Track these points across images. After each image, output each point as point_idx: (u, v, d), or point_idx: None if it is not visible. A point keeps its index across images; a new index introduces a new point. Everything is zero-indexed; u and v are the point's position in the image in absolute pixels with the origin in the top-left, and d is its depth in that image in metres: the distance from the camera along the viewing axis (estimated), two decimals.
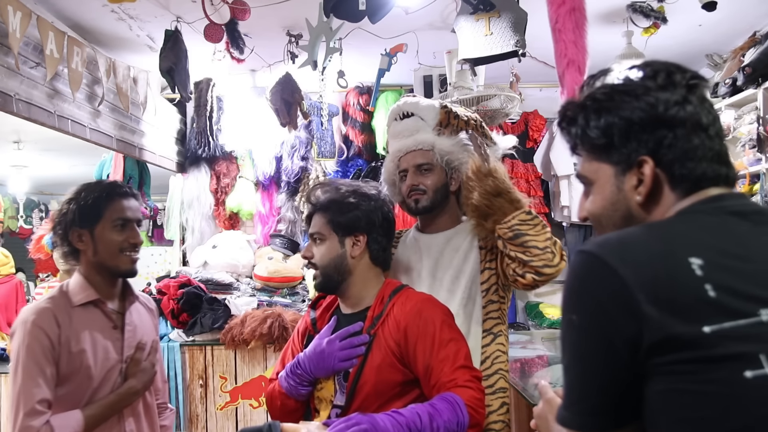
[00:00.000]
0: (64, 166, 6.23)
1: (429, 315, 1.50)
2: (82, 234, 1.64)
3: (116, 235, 1.64)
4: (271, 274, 3.73)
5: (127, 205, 1.68)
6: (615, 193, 0.91)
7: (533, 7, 2.55)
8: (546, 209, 4.16)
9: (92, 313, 1.65)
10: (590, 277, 0.81)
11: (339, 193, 1.59)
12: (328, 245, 1.57)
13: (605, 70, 0.94)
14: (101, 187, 1.68)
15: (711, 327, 0.74)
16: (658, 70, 0.88)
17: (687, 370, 0.74)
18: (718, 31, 3.42)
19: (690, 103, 0.86)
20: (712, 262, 0.77)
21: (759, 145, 3.24)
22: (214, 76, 3.99)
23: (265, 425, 1.33)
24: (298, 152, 4.11)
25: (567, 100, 0.97)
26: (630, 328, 0.76)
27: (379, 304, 1.55)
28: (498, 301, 1.85)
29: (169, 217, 4.29)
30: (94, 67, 2.85)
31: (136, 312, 1.77)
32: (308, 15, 2.80)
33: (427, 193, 1.88)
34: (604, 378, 0.79)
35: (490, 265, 1.84)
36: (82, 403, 1.58)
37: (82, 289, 1.65)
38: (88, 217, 1.63)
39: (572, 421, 0.83)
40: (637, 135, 0.87)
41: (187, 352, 3.48)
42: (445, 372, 1.43)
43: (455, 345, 1.47)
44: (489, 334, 1.83)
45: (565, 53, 2.37)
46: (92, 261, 1.65)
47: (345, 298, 1.63)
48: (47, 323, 1.56)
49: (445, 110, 1.92)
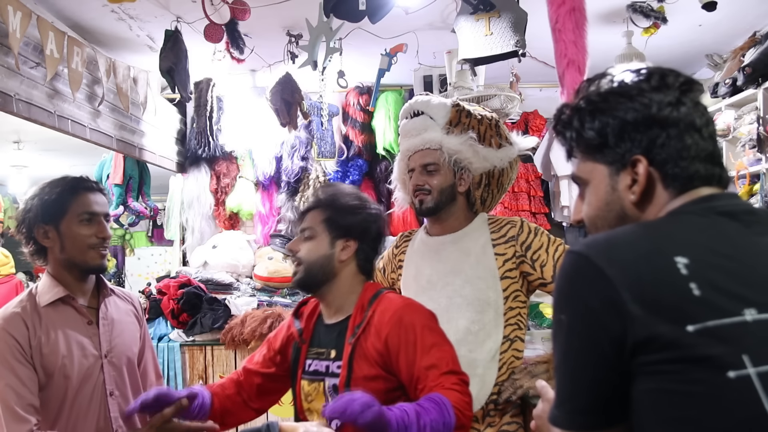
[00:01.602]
0: (65, 166, 6.23)
1: (409, 321, 1.45)
2: (48, 230, 1.59)
3: (83, 230, 1.59)
4: (271, 274, 3.73)
5: (94, 199, 1.63)
6: (609, 193, 0.92)
7: (533, 7, 2.56)
8: (546, 209, 4.16)
9: (63, 312, 1.60)
10: (578, 277, 0.82)
11: (342, 195, 1.58)
12: (318, 242, 1.53)
13: (601, 74, 0.95)
14: (65, 182, 1.63)
15: (695, 326, 0.74)
16: (652, 73, 0.90)
17: (671, 370, 0.74)
18: (718, 31, 3.42)
19: (683, 105, 0.88)
20: (698, 261, 0.77)
21: (759, 145, 3.23)
22: (214, 76, 3.99)
23: (264, 425, 1.34)
24: (298, 152, 4.11)
25: (562, 104, 0.98)
26: (616, 328, 0.77)
27: (360, 312, 1.51)
28: (518, 308, 1.84)
29: (169, 217, 4.29)
30: (94, 67, 2.85)
31: (113, 305, 1.71)
32: (308, 15, 2.80)
33: (432, 193, 1.85)
34: (592, 377, 0.80)
35: (510, 274, 1.82)
36: (64, 403, 1.54)
37: (50, 288, 1.60)
38: (52, 212, 1.58)
39: (563, 420, 0.83)
40: (630, 135, 0.88)
41: (187, 352, 3.48)
42: (431, 378, 1.39)
43: (438, 351, 1.43)
44: (506, 341, 1.82)
45: (565, 53, 2.37)
46: (60, 258, 1.60)
47: (326, 303, 1.58)
48: (14, 327, 1.52)
49: (456, 108, 1.90)
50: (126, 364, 1.68)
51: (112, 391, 1.63)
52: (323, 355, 1.55)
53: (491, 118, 1.94)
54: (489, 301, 1.80)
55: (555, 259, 1.81)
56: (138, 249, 6.09)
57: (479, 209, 1.97)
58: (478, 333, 1.79)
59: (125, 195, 4.13)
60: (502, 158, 1.92)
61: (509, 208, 3.97)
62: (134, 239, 6.25)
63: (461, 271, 1.84)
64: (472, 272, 1.83)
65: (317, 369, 1.55)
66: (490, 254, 1.84)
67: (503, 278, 1.82)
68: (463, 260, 1.85)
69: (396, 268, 2.06)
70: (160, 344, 3.44)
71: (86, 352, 1.59)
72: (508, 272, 1.82)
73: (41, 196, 1.60)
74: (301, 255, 1.54)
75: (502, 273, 1.82)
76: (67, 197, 1.60)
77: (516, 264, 1.83)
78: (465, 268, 1.84)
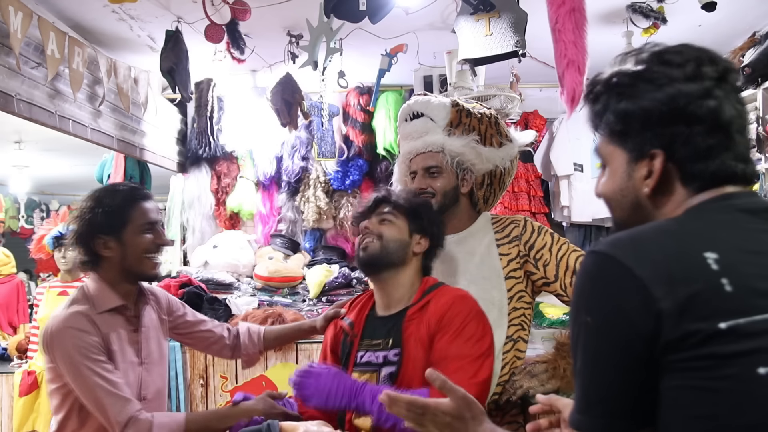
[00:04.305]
0: (65, 166, 6.24)
1: (460, 308, 1.50)
2: (108, 241, 1.62)
3: (144, 239, 1.64)
4: (272, 274, 3.74)
5: (151, 207, 1.68)
6: (625, 180, 0.90)
7: (533, 7, 2.56)
8: (546, 209, 4.16)
9: (115, 318, 1.65)
10: (604, 277, 0.79)
11: (419, 199, 1.73)
12: (398, 228, 1.60)
13: (639, 49, 0.91)
14: (123, 193, 1.66)
15: (726, 323, 0.73)
16: (688, 59, 0.85)
17: (701, 367, 0.73)
18: (717, 31, 3.42)
19: (714, 98, 0.83)
20: (727, 257, 0.76)
21: (759, 145, 3.24)
22: (215, 76, 3.99)
23: (264, 425, 1.34)
24: (298, 152, 4.11)
25: (596, 75, 0.94)
26: (648, 328, 0.75)
27: (417, 298, 1.57)
28: (522, 308, 1.83)
29: (170, 217, 4.29)
30: (95, 68, 2.86)
31: (148, 311, 1.76)
32: (309, 15, 2.81)
33: (435, 196, 1.84)
34: (623, 380, 0.78)
35: (515, 274, 1.82)
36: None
37: (107, 296, 1.64)
38: (114, 223, 1.61)
39: (588, 425, 0.81)
40: (653, 127, 0.85)
41: (187, 352, 3.47)
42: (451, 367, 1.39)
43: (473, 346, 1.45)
44: (510, 341, 1.81)
45: (565, 53, 2.37)
46: (118, 267, 1.64)
47: (384, 293, 1.61)
48: (85, 325, 1.55)
49: (456, 109, 1.88)
50: (156, 371, 1.73)
51: (145, 396, 1.68)
52: (378, 346, 1.56)
53: (490, 116, 1.93)
54: (493, 300, 1.80)
55: (558, 259, 1.80)
56: None
57: (482, 208, 1.97)
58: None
59: None
60: (503, 158, 1.92)
61: (509, 207, 3.97)
62: None
63: (466, 271, 1.83)
64: (476, 272, 1.83)
65: (370, 360, 1.56)
66: (494, 254, 1.83)
67: (508, 278, 1.81)
68: (468, 260, 1.84)
69: None
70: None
71: (131, 359, 1.64)
72: (513, 272, 1.82)
73: (100, 208, 1.62)
74: (383, 232, 1.59)
75: (506, 273, 1.81)
76: (127, 208, 1.63)
77: (520, 264, 1.82)
78: (470, 268, 1.83)
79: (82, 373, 1.51)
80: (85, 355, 1.52)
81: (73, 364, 1.52)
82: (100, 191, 1.68)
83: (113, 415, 1.49)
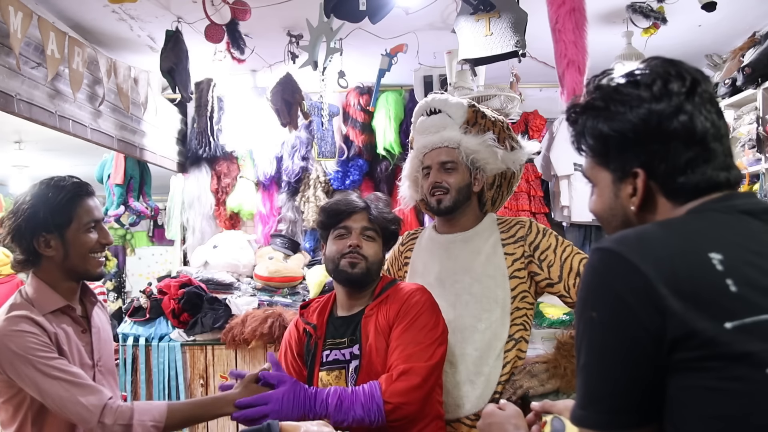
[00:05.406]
0: (66, 166, 6.23)
1: (418, 299, 1.62)
2: (50, 239, 1.51)
3: (89, 237, 1.54)
4: (272, 274, 3.74)
5: (95, 204, 1.58)
6: (613, 199, 0.93)
7: (533, 7, 2.56)
8: (546, 209, 4.16)
9: (61, 319, 1.53)
10: (610, 273, 0.80)
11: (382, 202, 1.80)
12: (378, 244, 1.71)
13: (608, 70, 0.94)
14: (67, 189, 1.54)
15: (732, 323, 0.73)
16: (655, 77, 0.88)
17: (710, 367, 0.74)
18: (717, 31, 3.43)
19: (684, 113, 0.85)
20: (731, 258, 0.77)
21: (758, 145, 3.24)
22: (215, 76, 4.00)
23: (264, 425, 1.34)
24: (298, 152, 4.12)
25: (571, 101, 0.97)
26: (654, 323, 0.75)
27: (376, 294, 1.68)
28: (524, 308, 1.84)
29: (170, 217, 4.30)
30: (95, 68, 2.86)
31: (96, 312, 1.67)
32: (309, 15, 2.81)
33: (450, 192, 1.86)
34: (629, 375, 0.78)
35: (519, 274, 1.83)
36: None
37: (49, 297, 1.52)
38: (57, 221, 1.50)
39: (591, 420, 0.81)
40: (630, 148, 0.88)
41: (187, 352, 3.48)
42: (396, 355, 1.54)
43: (425, 334, 1.56)
44: (511, 340, 1.82)
45: (565, 53, 2.37)
46: (60, 266, 1.53)
47: (353, 298, 1.70)
48: (29, 327, 1.43)
49: (473, 109, 1.92)
50: (110, 371, 1.65)
51: None
52: (343, 344, 1.66)
53: (503, 121, 1.98)
54: (497, 299, 1.81)
55: (562, 260, 1.81)
56: (139, 249, 6.11)
57: (489, 209, 1.99)
58: (485, 331, 1.80)
59: (126, 195, 4.13)
60: (515, 161, 1.95)
61: (509, 207, 3.97)
62: (135, 239, 6.27)
63: (471, 269, 1.85)
64: (481, 270, 1.84)
65: (337, 358, 1.65)
66: (499, 253, 1.85)
67: (512, 278, 1.83)
68: (474, 259, 1.86)
69: (402, 266, 2.07)
70: (161, 344, 3.45)
71: (83, 361, 1.55)
72: (517, 272, 1.83)
73: (40, 205, 1.50)
74: (367, 253, 1.67)
75: (511, 272, 1.83)
76: (70, 205, 1.52)
77: (524, 264, 1.83)
78: (475, 266, 1.85)
79: (39, 370, 1.39)
80: (36, 354, 1.40)
81: (26, 366, 1.39)
82: (41, 186, 1.54)
83: (84, 406, 1.38)
